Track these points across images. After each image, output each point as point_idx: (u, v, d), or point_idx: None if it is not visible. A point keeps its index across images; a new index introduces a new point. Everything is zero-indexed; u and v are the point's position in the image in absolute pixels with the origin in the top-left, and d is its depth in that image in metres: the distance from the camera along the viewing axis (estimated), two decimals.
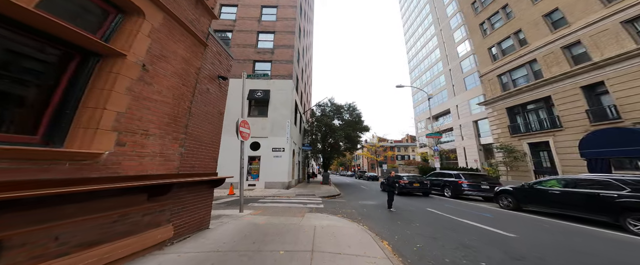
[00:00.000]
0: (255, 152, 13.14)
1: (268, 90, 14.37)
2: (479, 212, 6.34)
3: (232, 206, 6.95)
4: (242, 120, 5.93)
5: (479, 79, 26.48)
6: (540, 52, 11.19)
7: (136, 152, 2.07)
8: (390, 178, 6.57)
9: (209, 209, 3.58)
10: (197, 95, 3.33)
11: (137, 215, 2.10)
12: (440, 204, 7.78)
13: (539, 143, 11.24)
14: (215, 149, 3.74)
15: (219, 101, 4.13)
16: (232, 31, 16.36)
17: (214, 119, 3.88)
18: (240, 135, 5.71)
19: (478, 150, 24.68)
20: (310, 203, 8.38)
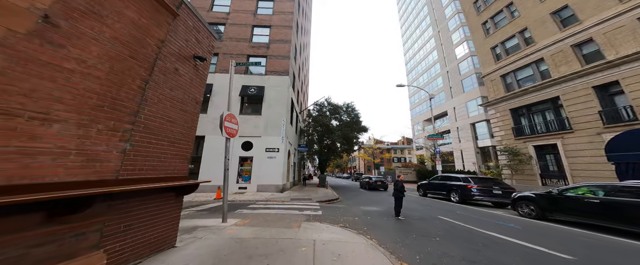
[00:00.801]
0: (247, 152, 12.20)
1: (262, 87, 13.48)
2: (500, 221, 5.66)
3: (216, 214, 6.02)
4: (228, 114, 5.06)
5: (476, 81, 26.42)
6: (548, 51, 10.79)
7: (16, 147, 1.22)
8: (398, 183, 5.81)
9: (174, 222, 2.70)
10: (158, 75, 2.48)
11: (17, 248, 1.24)
12: (450, 211, 7.09)
13: (545, 146, 10.79)
14: (186, 147, 2.87)
15: (194, 86, 3.26)
16: (225, 24, 15.42)
17: (187, 107, 3.01)
18: (224, 131, 4.84)
19: (475, 153, 24.46)
20: (306, 209, 7.53)
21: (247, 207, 7.37)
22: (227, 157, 4.82)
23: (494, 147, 23.01)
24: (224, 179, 4.69)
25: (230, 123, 5.09)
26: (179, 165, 2.74)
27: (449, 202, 8.88)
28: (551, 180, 10.19)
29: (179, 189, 2.65)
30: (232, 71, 5.66)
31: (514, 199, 6.29)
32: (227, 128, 4.96)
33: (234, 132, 5.19)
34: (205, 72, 3.76)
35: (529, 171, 11.06)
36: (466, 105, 27.37)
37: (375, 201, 9.73)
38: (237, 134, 5.33)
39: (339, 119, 21.41)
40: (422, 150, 37.14)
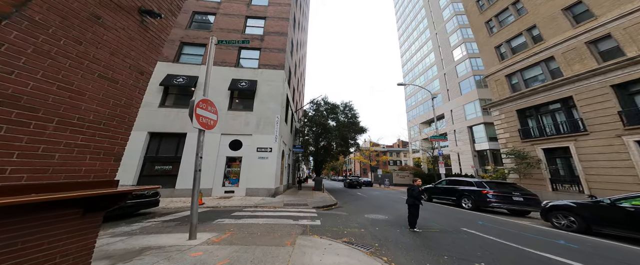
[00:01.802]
0: (236, 152, 11.00)
1: (255, 81, 12.36)
2: (541, 236, 4.77)
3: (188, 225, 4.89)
4: (203, 100, 3.97)
5: (474, 83, 26.22)
6: (559, 49, 10.28)
7: None
8: (414, 188, 4.85)
9: (82, 254, 1.60)
10: (44, 12, 1.40)
11: None
12: (469, 220, 6.21)
13: (555, 149, 10.20)
14: (113, 136, 1.77)
15: (137, 50, 2.17)
16: (216, 14, 14.27)
17: (118, 76, 1.91)
18: (196, 120, 3.74)
19: (473, 156, 24.09)
20: (302, 217, 6.46)
21: (230, 215, 6.22)
22: (199, 155, 3.71)
23: (491, 150, 22.70)
24: (193, 183, 3.58)
25: (205, 111, 3.99)
26: (94, 164, 1.65)
27: (460, 209, 8.04)
28: (563, 185, 9.57)
29: (91, 202, 1.56)
30: (212, 49, 4.55)
31: (546, 209, 5.47)
32: (201, 117, 3.85)
33: (210, 123, 4.09)
34: (162, 36, 2.66)
35: (538, 175, 10.43)
36: (463, 108, 27.10)
37: (379, 207, 8.77)
38: (215, 126, 4.23)
39: (336, 119, 20.46)
40: (419, 153, 36.74)
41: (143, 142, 10.34)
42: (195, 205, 3.46)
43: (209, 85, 4.26)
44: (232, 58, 13.02)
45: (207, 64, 4.39)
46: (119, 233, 4.03)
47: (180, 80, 11.66)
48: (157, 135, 10.85)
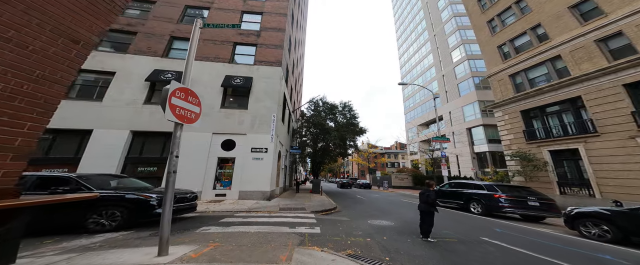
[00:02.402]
0: (229, 152, 10.29)
1: (250, 78, 11.71)
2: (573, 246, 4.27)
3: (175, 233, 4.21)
4: (180, 88, 3.33)
5: (473, 85, 26.10)
6: (566, 48, 9.99)
7: None
8: (429, 193, 4.28)
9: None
10: None
11: None
12: (484, 227, 5.68)
13: (563, 151, 9.84)
14: (9, 125, 1.13)
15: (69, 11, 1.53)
16: (210, 8, 13.63)
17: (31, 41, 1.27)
18: (172, 111, 3.10)
19: (472, 159, 23.83)
20: (300, 223, 5.83)
21: (218, 222, 5.54)
22: (174, 153, 3.06)
23: (491, 152, 22.48)
24: (166, 186, 2.92)
25: (184, 102, 3.34)
26: None
27: (469, 214, 7.52)
28: (571, 188, 9.18)
29: None
30: (196, 33, 3.93)
31: (571, 216, 4.97)
32: (178, 108, 3.21)
33: (190, 116, 3.44)
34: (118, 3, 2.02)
35: (545, 178, 10.04)
36: (462, 110, 26.91)
37: (382, 211, 8.19)
38: (197, 120, 3.59)
39: (334, 120, 19.93)
40: (417, 155, 36.45)
41: (124, 141, 9.53)
42: (167, 214, 2.80)
43: (190, 72, 3.62)
44: (226, 53, 12.36)
45: (189, 49, 3.76)
46: (72, 248, 3.33)
47: (168, 75, 10.93)
48: (141, 134, 10.05)
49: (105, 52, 11.17)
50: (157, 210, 4.72)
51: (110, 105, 10.05)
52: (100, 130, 9.55)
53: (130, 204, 4.62)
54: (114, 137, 9.54)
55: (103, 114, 9.79)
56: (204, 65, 11.81)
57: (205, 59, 12.01)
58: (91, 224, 4.34)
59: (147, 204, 4.76)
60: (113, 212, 4.54)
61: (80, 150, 9.25)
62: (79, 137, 9.49)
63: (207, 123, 10.39)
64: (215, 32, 12.88)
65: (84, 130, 9.48)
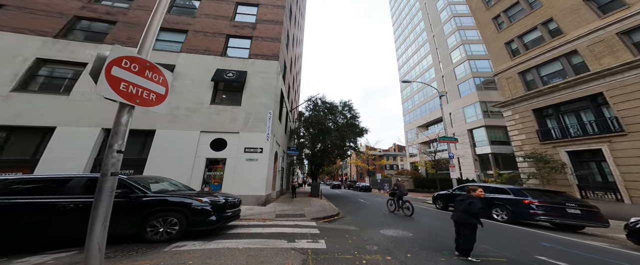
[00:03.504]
0: (219, 152, 9.23)
1: (244, 72, 10.72)
2: None
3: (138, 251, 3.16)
4: (130, 58, 2.30)
5: (474, 85, 25.65)
6: (583, 42, 9.39)
7: None
8: (473, 201, 3.33)
9: None
10: None
11: None
12: (524, 239, 4.81)
13: (583, 151, 9.16)
14: None
15: None
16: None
17: None
18: (111, 86, 2.08)
19: (474, 161, 23.24)
20: (300, 234, 4.86)
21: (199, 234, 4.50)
22: (114, 147, 2.03)
23: (494, 154, 21.94)
24: (98, 194, 1.89)
25: (136, 76, 2.32)
26: None
27: (491, 221, 6.67)
28: (594, 193, 8.48)
29: None
30: None
31: (636, 229, 4.15)
32: (123, 83, 2.18)
33: (150, 98, 2.43)
34: None
35: (563, 182, 9.33)
36: (463, 111, 26.42)
37: (392, 218, 7.27)
38: (160, 104, 2.58)
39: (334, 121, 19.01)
40: (416, 157, 35.85)
41: (94, 140, 8.32)
42: (97, 236, 1.78)
43: (152, 36, 2.58)
44: (217, 46, 11.35)
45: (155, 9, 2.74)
46: None
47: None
48: None
49: (77, 42, 9.98)
50: (212, 217, 4.18)
51: (79, 99, 8.84)
52: (65, 127, 8.31)
53: (186, 210, 4.04)
54: (81, 135, 8.30)
55: (70, 109, 8.56)
56: (193, 58, 10.78)
57: (195, 52, 10.98)
58: (150, 233, 3.82)
59: (203, 210, 4.16)
60: (171, 219, 3.95)
61: (40, 150, 7.99)
62: (39, 136, 8.22)
63: (194, 120, 9.36)
64: (207, 23, 11.92)
65: (45, 128, 8.22)
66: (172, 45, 11.13)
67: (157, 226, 3.87)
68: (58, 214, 3.55)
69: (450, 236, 5.00)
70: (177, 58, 10.60)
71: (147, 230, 3.81)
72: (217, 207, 4.32)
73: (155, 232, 3.84)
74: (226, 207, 4.54)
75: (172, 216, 3.95)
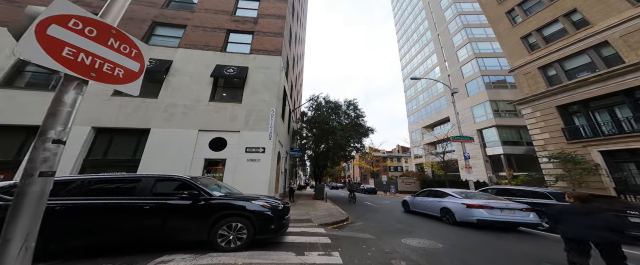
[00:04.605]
0: (218, 152, 8.55)
1: (245, 68, 10.09)
2: None
3: None
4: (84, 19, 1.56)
5: (483, 84, 24.76)
6: (615, 32, 8.60)
7: None
8: (611, 214, 2.49)
9: None
10: None
11: None
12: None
13: (620, 151, 8.29)
14: None
15: None
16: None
17: None
18: (44, 48, 1.35)
19: (484, 162, 22.26)
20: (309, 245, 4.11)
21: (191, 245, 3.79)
22: (48, 135, 1.31)
23: (506, 155, 20.95)
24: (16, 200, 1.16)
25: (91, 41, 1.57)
26: None
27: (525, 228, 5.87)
28: (636, 197, 7.58)
29: None
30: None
31: None
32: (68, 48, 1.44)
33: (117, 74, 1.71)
34: None
35: (597, 184, 8.45)
36: (471, 110, 25.52)
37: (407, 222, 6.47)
38: (131, 83, 1.87)
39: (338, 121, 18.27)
40: (422, 158, 34.88)
41: (83, 140, 7.67)
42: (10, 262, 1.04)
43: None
44: (217, 41, 10.75)
45: None
46: None
47: (147, 63, 9.22)
48: (107, 131, 8.21)
49: None
50: (273, 224, 3.83)
51: None
52: None
53: (251, 214, 3.74)
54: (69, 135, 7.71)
55: None
56: (191, 54, 10.19)
57: (193, 47, 10.39)
58: (220, 241, 3.57)
59: (266, 215, 3.83)
60: (239, 226, 3.66)
61: (23, 151, 7.37)
62: (23, 135, 7.58)
63: (192, 118, 8.73)
64: (206, 17, 11.36)
65: (28, 127, 7.58)
66: (169, 40, 10.57)
67: (226, 233, 3.60)
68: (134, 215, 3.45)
69: (497, 249, 4.20)
70: (175, 53, 10.02)
71: (217, 238, 3.55)
72: (276, 213, 3.93)
73: (225, 240, 3.57)
74: (285, 213, 4.14)
75: (239, 222, 3.66)
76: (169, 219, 3.48)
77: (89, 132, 7.80)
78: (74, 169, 7.32)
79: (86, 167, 7.56)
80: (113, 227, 3.38)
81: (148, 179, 3.74)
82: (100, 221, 3.38)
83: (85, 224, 3.31)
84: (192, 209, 3.56)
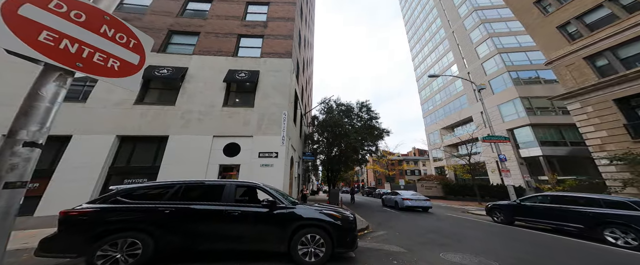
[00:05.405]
0: (232, 158, 8.30)
1: (256, 71, 9.92)
2: None
3: None
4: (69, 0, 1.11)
5: (510, 80, 22.69)
6: None
7: None
8: None
9: None
10: None
11: None
12: None
13: None
14: None
15: None
16: (212, 1, 12.34)
17: None
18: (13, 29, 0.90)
19: (519, 165, 20.02)
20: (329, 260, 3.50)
21: None
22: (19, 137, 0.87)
23: (546, 156, 18.62)
24: None
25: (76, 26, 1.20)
26: None
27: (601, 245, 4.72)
28: None
29: None
30: None
31: None
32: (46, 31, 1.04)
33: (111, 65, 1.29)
34: None
35: None
36: (498, 109, 23.44)
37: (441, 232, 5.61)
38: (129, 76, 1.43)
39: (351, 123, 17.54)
40: (442, 160, 32.69)
41: (109, 148, 7.84)
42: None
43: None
44: (229, 46, 10.75)
45: None
46: None
47: (164, 71, 9.34)
48: (130, 139, 8.34)
49: None
50: (348, 237, 3.53)
51: (94, 106, 8.50)
52: (80, 135, 7.94)
53: (329, 226, 3.49)
54: (96, 143, 7.87)
55: (85, 117, 8.22)
56: (205, 60, 10.24)
57: (206, 53, 10.45)
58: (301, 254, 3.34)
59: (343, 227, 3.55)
60: (318, 238, 3.40)
61: (56, 160, 7.60)
62: (57, 145, 7.87)
63: (207, 124, 8.65)
64: (218, 24, 11.48)
65: (62, 137, 7.88)
66: (184, 48, 10.75)
67: (306, 245, 3.37)
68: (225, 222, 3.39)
69: None
70: (190, 60, 10.12)
71: (298, 250, 3.33)
72: (349, 224, 3.62)
73: (305, 253, 3.33)
74: (356, 225, 3.79)
75: (317, 233, 3.40)
76: (253, 227, 3.39)
77: (113, 140, 7.94)
78: (101, 177, 7.44)
79: (111, 175, 7.67)
80: (207, 233, 3.32)
81: (231, 185, 3.72)
82: (199, 227, 3.33)
83: (186, 229, 3.30)
84: (271, 217, 3.45)
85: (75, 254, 2.91)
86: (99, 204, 3.26)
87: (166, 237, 3.18)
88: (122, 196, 3.40)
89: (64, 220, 3.02)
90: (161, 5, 11.70)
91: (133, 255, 2.96)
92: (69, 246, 2.94)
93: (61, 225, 3.02)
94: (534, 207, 6.60)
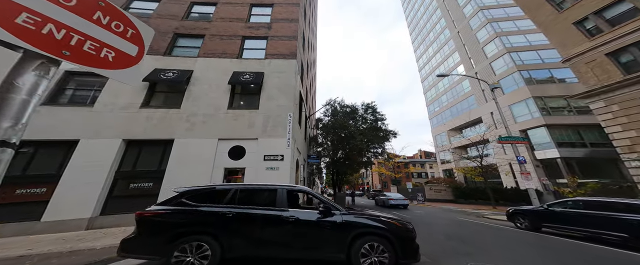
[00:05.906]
0: (237, 161, 8.07)
1: (261, 73, 9.76)
2: None
3: None
4: None
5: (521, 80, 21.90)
6: None
7: None
8: None
9: None
10: None
11: None
12: None
13: None
14: None
15: None
16: (217, 4, 12.35)
17: None
18: None
19: (535, 167, 19.12)
20: None
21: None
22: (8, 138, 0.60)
23: (564, 158, 17.72)
24: None
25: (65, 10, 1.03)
26: None
27: None
28: None
29: None
30: None
31: None
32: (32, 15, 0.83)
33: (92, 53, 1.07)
34: None
35: None
36: (510, 109, 22.66)
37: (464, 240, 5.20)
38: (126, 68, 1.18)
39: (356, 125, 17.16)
40: (450, 163, 31.77)
41: (115, 152, 7.71)
42: None
43: None
44: (233, 49, 10.65)
45: None
46: None
47: (169, 74, 9.26)
48: (136, 143, 8.21)
49: None
50: (412, 247, 3.32)
51: (101, 110, 8.44)
52: (87, 140, 7.85)
53: (391, 235, 3.26)
54: (102, 147, 7.76)
55: (92, 121, 8.15)
56: (210, 62, 10.14)
57: (211, 55, 10.36)
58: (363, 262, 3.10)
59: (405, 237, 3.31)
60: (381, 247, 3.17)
61: (64, 165, 7.50)
62: (64, 149, 7.80)
63: (212, 127, 8.47)
64: (222, 26, 11.43)
65: (69, 141, 7.81)
66: (189, 50, 10.70)
67: (368, 255, 3.13)
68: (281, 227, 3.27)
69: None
70: (195, 63, 10.04)
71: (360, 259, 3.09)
72: (409, 233, 3.41)
73: (370, 263, 3.11)
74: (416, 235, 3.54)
75: (379, 242, 3.18)
76: (309, 233, 3.26)
77: (120, 145, 7.84)
78: (107, 181, 7.31)
79: (118, 179, 7.53)
80: (266, 239, 3.22)
81: (283, 189, 3.64)
82: (259, 232, 3.25)
83: (247, 234, 3.24)
84: (328, 224, 3.29)
85: (157, 255, 2.95)
86: (169, 206, 3.28)
87: (230, 241, 3.15)
88: (186, 198, 3.36)
89: (140, 221, 3.09)
90: (167, 9, 11.76)
91: (204, 257, 2.97)
92: (147, 247, 3.01)
93: (139, 226, 3.08)
94: (564, 213, 6.06)
